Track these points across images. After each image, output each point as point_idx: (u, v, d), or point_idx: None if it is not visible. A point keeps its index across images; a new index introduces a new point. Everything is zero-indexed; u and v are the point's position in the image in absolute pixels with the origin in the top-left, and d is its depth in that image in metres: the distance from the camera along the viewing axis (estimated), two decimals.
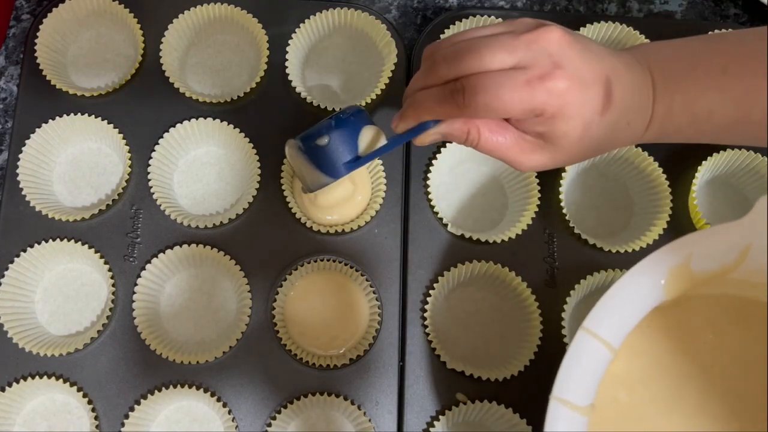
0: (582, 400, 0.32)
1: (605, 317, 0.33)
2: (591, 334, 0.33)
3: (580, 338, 0.33)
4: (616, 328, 0.33)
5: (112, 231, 0.48)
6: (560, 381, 0.32)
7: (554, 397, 0.32)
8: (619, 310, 0.33)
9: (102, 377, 0.45)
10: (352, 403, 0.45)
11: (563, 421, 0.31)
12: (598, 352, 0.33)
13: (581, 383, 0.32)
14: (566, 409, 0.32)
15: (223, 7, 0.51)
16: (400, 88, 0.51)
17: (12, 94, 0.52)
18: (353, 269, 0.47)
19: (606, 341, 0.33)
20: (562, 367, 0.32)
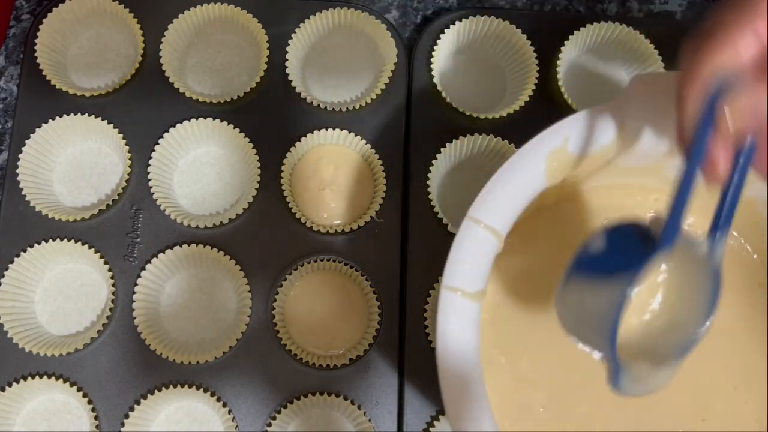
0: (472, 287, 0.32)
1: (489, 205, 0.33)
2: (475, 221, 0.32)
3: (465, 227, 0.32)
4: (500, 215, 0.33)
5: (112, 231, 0.48)
6: (449, 270, 0.32)
7: (444, 286, 0.32)
8: (502, 197, 0.33)
9: (102, 377, 0.45)
10: (352, 403, 0.45)
11: (455, 308, 0.31)
12: (485, 240, 0.32)
13: (470, 270, 0.32)
14: (457, 296, 0.32)
15: (223, 7, 0.51)
16: (400, 88, 0.51)
17: (12, 94, 0.52)
18: (353, 269, 0.47)
19: (492, 228, 0.32)
20: (449, 257, 0.32)
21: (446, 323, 0.31)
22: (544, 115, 0.50)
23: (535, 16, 0.53)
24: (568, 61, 0.52)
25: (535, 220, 0.39)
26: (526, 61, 0.51)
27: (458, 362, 0.31)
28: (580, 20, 0.52)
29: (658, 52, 0.51)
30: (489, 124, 0.50)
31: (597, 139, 0.34)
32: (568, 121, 0.35)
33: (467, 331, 0.32)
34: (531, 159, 0.34)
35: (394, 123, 0.50)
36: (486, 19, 0.51)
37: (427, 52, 0.51)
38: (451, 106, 0.50)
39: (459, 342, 0.31)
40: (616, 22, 0.51)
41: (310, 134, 0.49)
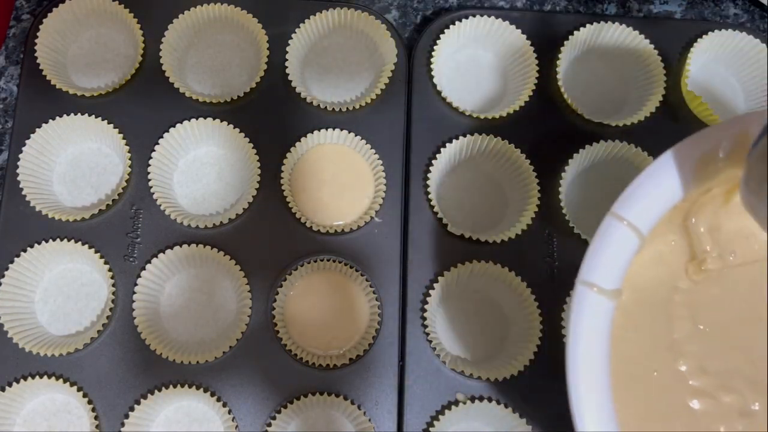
0: (608, 284, 0.31)
1: (633, 202, 0.32)
2: (618, 218, 0.32)
3: (607, 223, 0.32)
4: (643, 213, 0.32)
5: (112, 231, 0.48)
6: (587, 265, 0.31)
7: (581, 281, 0.31)
8: (647, 196, 0.32)
9: (102, 377, 0.46)
10: (352, 403, 0.45)
11: (589, 304, 0.31)
12: (626, 237, 0.32)
13: (608, 267, 0.31)
14: (593, 293, 0.31)
15: (223, 7, 0.51)
16: (400, 88, 0.51)
17: (12, 94, 0.52)
18: (353, 269, 0.47)
19: (634, 225, 0.32)
20: (589, 251, 0.31)
21: (579, 318, 0.31)
22: (544, 115, 0.51)
23: (535, 16, 0.53)
24: (568, 61, 0.52)
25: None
26: (526, 61, 0.51)
27: (588, 358, 0.30)
28: (579, 20, 0.52)
29: (658, 52, 0.51)
30: (489, 124, 0.50)
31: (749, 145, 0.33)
32: (723, 125, 0.34)
33: (600, 328, 0.31)
34: (681, 160, 0.33)
35: (394, 123, 0.50)
36: (486, 19, 0.51)
37: (427, 52, 0.51)
38: (451, 106, 0.50)
39: (591, 338, 0.31)
40: (616, 22, 0.51)
41: (310, 134, 0.49)
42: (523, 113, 0.50)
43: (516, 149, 0.49)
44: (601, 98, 0.52)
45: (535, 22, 0.52)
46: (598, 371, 0.31)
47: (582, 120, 0.50)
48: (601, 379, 0.31)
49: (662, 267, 0.36)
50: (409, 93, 0.51)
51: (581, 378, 0.31)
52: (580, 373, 0.31)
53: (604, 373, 0.31)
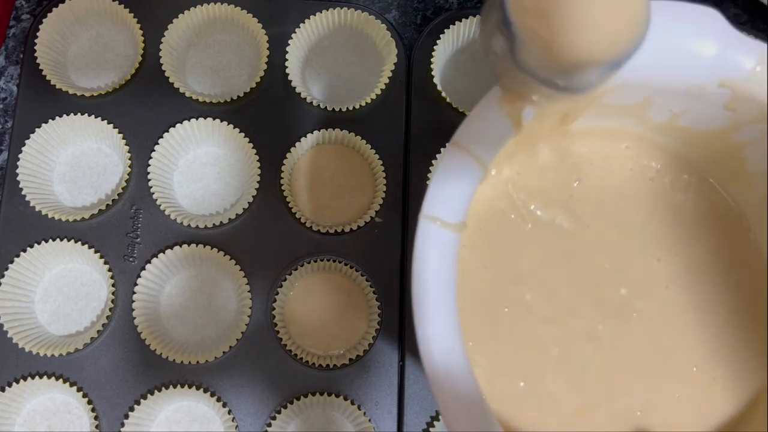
0: (452, 218, 0.30)
1: (475, 130, 0.31)
2: (460, 147, 0.30)
3: (449, 153, 0.30)
4: (486, 142, 0.30)
5: (112, 231, 0.48)
6: (429, 197, 0.30)
7: (423, 216, 0.30)
8: (489, 123, 0.31)
9: (102, 377, 0.46)
10: (352, 403, 0.45)
11: (433, 237, 0.29)
12: (469, 168, 0.30)
13: (451, 200, 0.30)
14: (436, 226, 0.30)
15: (223, 7, 0.51)
16: (400, 88, 0.51)
17: (12, 94, 0.52)
18: (353, 269, 0.47)
19: (476, 155, 0.30)
20: (430, 183, 0.30)
21: (423, 252, 0.29)
22: None
23: None
24: None
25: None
26: None
27: (435, 295, 0.29)
28: None
29: None
30: None
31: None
32: None
33: (445, 262, 0.29)
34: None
35: (394, 123, 0.50)
36: None
37: (427, 52, 0.51)
38: (451, 106, 0.50)
39: (437, 273, 0.29)
40: None
41: (310, 134, 0.49)
42: None
43: None
44: None
45: None
46: (445, 305, 0.29)
47: None
48: (449, 313, 0.29)
49: (508, 199, 0.35)
50: (409, 93, 0.51)
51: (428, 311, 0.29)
52: (428, 306, 0.29)
53: (452, 308, 0.29)
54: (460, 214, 0.30)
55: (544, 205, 0.36)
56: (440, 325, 0.29)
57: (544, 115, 0.32)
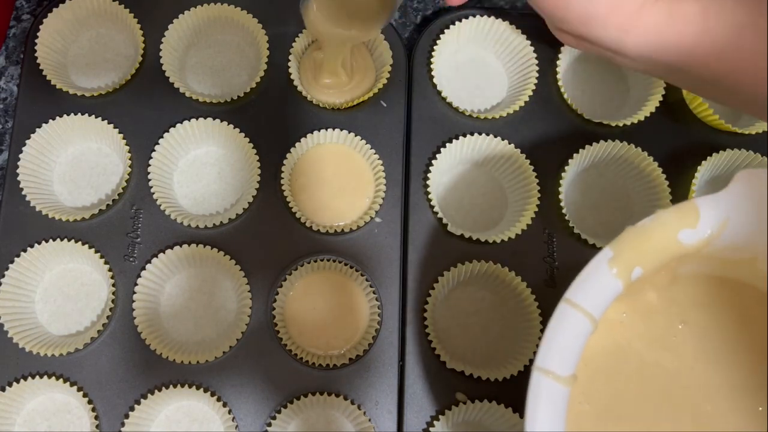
0: (564, 371, 0.32)
1: (586, 289, 0.33)
2: (572, 305, 0.32)
3: (561, 310, 0.32)
4: (596, 299, 0.33)
5: (112, 231, 0.48)
6: (543, 352, 0.32)
7: (537, 368, 0.31)
8: (599, 282, 0.33)
9: (102, 377, 0.46)
10: (352, 403, 0.45)
11: (546, 391, 0.31)
12: (580, 323, 0.32)
13: (563, 354, 0.32)
14: (548, 380, 0.31)
15: (223, 7, 0.51)
16: (400, 88, 0.51)
17: (12, 94, 0.52)
18: (353, 269, 0.47)
19: (587, 312, 0.32)
20: (544, 338, 0.32)
21: (536, 406, 0.31)
22: (544, 115, 0.51)
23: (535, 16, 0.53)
24: (568, 61, 0.52)
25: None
26: (526, 61, 0.51)
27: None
28: None
29: None
30: (489, 124, 0.50)
31: (701, 230, 0.34)
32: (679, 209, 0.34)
33: (557, 418, 0.31)
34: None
35: (394, 123, 0.50)
36: (486, 19, 0.51)
37: (427, 52, 0.51)
38: (451, 106, 0.50)
39: (548, 425, 0.31)
40: None
41: (310, 134, 0.49)
42: (523, 113, 0.50)
43: (516, 149, 0.49)
44: (601, 98, 0.52)
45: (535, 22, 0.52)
46: None
47: (582, 120, 0.50)
48: None
49: (613, 338, 0.37)
50: (409, 93, 0.51)
51: None
52: None
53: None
54: (571, 367, 0.32)
55: (648, 345, 0.37)
56: None
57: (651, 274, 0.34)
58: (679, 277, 0.38)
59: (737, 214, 0.33)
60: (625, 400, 0.37)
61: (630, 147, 0.49)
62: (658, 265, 0.34)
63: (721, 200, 0.34)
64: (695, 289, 0.38)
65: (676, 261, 0.35)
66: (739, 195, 0.33)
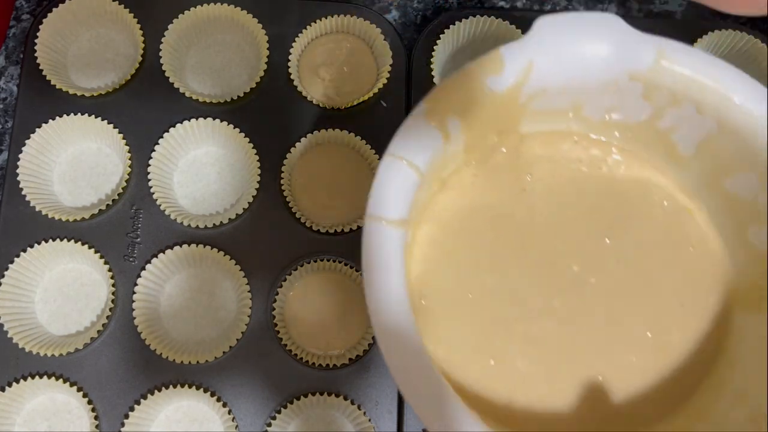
0: (394, 215, 0.33)
1: (407, 141, 0.34)
2: (396, 157, 0.33)
3: (386, 163, 0.33)
4: (417, 151, 0.34)
5: (112, 231, 0.48)
6: (372, 200, 0.33)
7: (368, 216, 0.32)
8: (418, 134, 0.34)
9: (102, 377, 0.46)
10: (352, 403, 0.45)
11: (378, 235, 0.32)
12: (405, 173, 0.33)
13: (391, 201, 0.33)
14: (380, 224, 0.32)
15: (223, 7, 0.51)
16: (399, 88, 0.51)
17: (12, 94, 0.52)
18: (353, 269, 0.47)
19: (411, 162, 0.33)
20: (372, 189, 0.33)
21: (369, 249, 0.32)
22: None
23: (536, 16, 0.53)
24: None
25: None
26: None
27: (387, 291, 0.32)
28: None
29: None
30: None
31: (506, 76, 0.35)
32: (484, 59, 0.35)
33: (392, 258, 0.32)
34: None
35: (394, 123, 0.50)
36: (486, 19, 0.51)
37: (427, 52, 0.51)
38: None
39: (385, 263, 0.32)
40: None
41: (310, 134, 0.49)
42: None
43: None
44: None
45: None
46: (397, 296, 0.32)
47: None
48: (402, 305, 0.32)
49: (465, 198, 0.38)
50: (409, 93, 0.51)
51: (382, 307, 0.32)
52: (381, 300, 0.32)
53: (403, 298, 0.32)
54: (402, 212, 0.33)
55: (499, 201, 0.39)
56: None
57: (474, 128, 0.36)
58: (525, 137, 0.39)
59: (541, 57, 0.35)
60: (481, 251, 0.38)
61: None
62: (475, 116, 0.35)
63: (524, 45, 0.35)
64: (539, 142, 0.39)
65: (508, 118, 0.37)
66: (541, 39, 0.35)
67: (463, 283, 0.37)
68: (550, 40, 0.35)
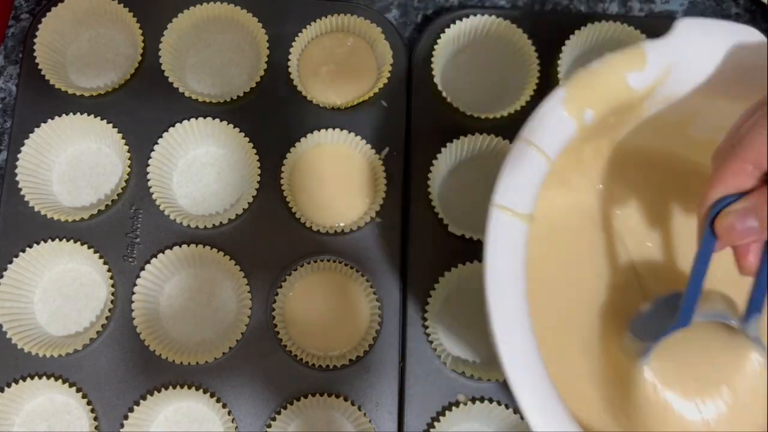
0: (522, 208, 0.32)
1: (542, 128, 0.33)
2: (529, 143, 0.32)
3: (518, 148, 0.32)
4: (551, 139, 0.33)
5: (112, 231, 0.48)
6: (501, 189, 0.32)
7: (495, 205, 0.31)
8: (554, 122, 0.33)
9: (102, 377, 0.45)
10: (352, 404, 0.45)
11: (504, 227, 0.31)
12: (536, 162, 0.32)
13: (520, 191, 0.32)
14: (507, 215, 0.31)
15: (223, 6, 0.51)
16: (400, 88, 0.51)
17: (11, 94, 0.51)
18: (353, 269, 0.47)
19: (543, 151, 0.32)
20: (501, 176, 0.32)
21: (495, 241, 0.31)
22: None
23: (536, 15, 0.53)
24: (569, 61, 0.52)
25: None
26: (526, 60, 0.51)
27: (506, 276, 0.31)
28: (581, 20, 0.52)
29: None
30: (489, 124, 0.50)
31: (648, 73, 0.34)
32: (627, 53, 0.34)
33: (515, 252, 0.31)
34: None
35: (394, 123, 0.50)
36: (486, 18, 0.51)
37: (427, 52, 0.51)
38: (451, 106, 0.50)
39: (507, 257, 0.31)
40: (617, 21, 0.51)
41: (310, 134, 0.49)
42: (523, 113, 0.50)
43: None
44: None
45: (536, 21, 0.52)
46: (515, 288, 0.31)
47: None
48: (518, 295, 0.31)
49: (573, 194, 0.39)
50: (409, 93, 0.51)
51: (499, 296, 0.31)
52: (498, 291, 0.31)
53: (521, 290, 0.31)
54: (529, 205, 0.32)
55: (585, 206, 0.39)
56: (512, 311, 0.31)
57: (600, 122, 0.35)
58: (616, 147, 0.39)
59: (681, 60, 0.34)
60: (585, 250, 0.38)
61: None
62: (608, 109, 0.34)
63: (668, 44, 0.34)
64: (625, 159, 0.39)
65: (618, 116, 0.36)
66: (684, 42, 0.34)
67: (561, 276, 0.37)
68: (693, 45, 0.34)
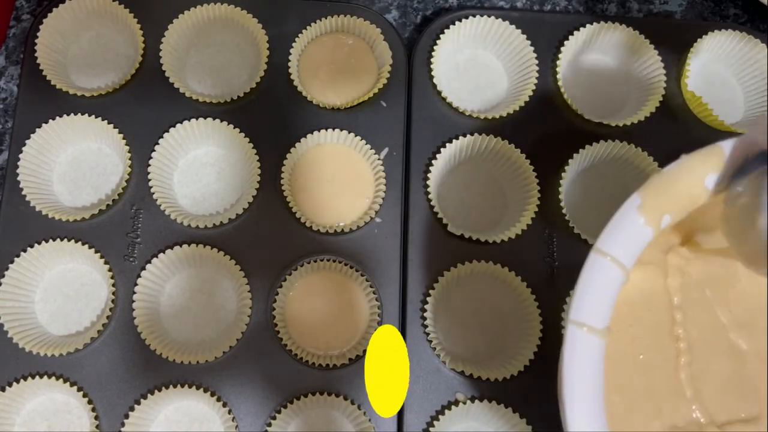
0: (598, 323, 0.31)
1: (617, 237, 0.32)
2: (603, 254, 0.32)
3: (593, 260, 0.32)
4: (627, 248, 0.32)
5: (112, 231, 0.48)
6: (576, 304, 0.31)
7: (571, 322, 0.31)
8: (629, 231, 0.32)
9: (102, 377, 0.45)
10: (352, 403, 0.45)
11: (581, 344, 0.31)
12: (612, 273, 0.32)
13: (596, 305, 0.31)
14: (583, 333, 0.31)
15: (223, 7, 0.51)
16: (400, 88, 0.51)
17: (12, 94, 0.52)
18: (353, 269, 0.47)
19: (618, 261, 0.32)
20: (576, 290, 0.31)
21: (572, 361, 0.31)
22: (544, 115, 0.51)
23: (535, 16, 0.54)
24: (568, 62, 0.53)
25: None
26: (526, 61, 0.51)
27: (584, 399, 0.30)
28: (579, 20, 0.52)
29: (658, 52, 0.51)
30: (489, 124, 0.50)
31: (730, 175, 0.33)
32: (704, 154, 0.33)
33: (595, 371, 0.31)
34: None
35: (394, 123, 0.50)
36: (486, 19, 0.51)
37: (427, 52, 0.51)
38: (451, 106, 0.50)
39: (585, 381, 0.31)
40: (616, 22, 0.51)
41: (310, 134, 0.49)
42: (523, 113, 0.50)
43: (516, 149, 0.49)
44: (601, 98, 0.52)
45: (535, 22, 0.52)
46: (595, 411, 0.31)
47: (582, 120, 0.50)
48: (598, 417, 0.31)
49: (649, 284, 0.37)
50: (409, 93, 0.51)
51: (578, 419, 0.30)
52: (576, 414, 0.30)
53: (600, 412, 0.31)
54: (605, 319, 0.31)
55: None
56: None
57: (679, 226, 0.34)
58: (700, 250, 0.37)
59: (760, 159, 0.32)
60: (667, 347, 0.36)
61: (630, 147, 0.49)
62: (685, 213, 0.33)
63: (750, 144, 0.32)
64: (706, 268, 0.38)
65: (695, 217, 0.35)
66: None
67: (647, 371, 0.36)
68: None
